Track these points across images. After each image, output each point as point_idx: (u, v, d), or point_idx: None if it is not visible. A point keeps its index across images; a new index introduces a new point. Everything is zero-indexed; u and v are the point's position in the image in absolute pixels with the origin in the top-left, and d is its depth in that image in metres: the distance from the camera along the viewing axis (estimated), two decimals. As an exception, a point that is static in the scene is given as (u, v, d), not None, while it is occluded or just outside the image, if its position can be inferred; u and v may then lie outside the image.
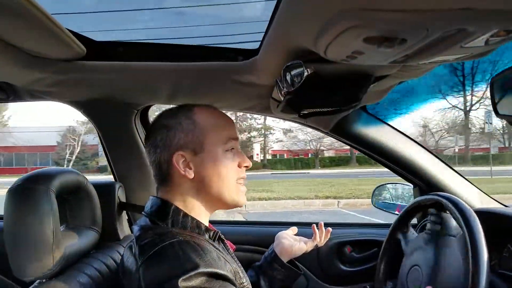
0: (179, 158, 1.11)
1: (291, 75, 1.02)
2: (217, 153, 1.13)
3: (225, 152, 1.14)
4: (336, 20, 0.71)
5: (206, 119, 1.15)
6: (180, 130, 1.13)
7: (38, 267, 1.08)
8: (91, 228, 1.34)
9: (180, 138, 1.12)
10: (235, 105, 1.76)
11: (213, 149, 1.13)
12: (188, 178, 1.11)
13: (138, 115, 1.83)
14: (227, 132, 1.16)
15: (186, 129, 1.13)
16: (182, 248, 0.95)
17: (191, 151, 1.12)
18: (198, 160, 1.12)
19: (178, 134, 1.13)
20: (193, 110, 1.17)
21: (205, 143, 1.12)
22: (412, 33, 0.72)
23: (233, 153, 1.16)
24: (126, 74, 1.45)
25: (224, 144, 1.14)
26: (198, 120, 1.14)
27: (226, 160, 1.13)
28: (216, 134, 1.14)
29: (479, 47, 0.80)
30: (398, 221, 1.52)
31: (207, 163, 1.12)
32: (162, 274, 0.92)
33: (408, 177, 1.85)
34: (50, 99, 1.67)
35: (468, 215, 1.14)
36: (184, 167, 1.11)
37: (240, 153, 1.18)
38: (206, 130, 1.13)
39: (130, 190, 1.77)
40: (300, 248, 1.48)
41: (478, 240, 1.08)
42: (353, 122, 1.71)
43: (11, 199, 1.09)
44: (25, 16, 0.94)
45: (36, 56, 1.24)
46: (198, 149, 1.12)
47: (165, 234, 1.03)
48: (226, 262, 1.03)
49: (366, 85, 1.16)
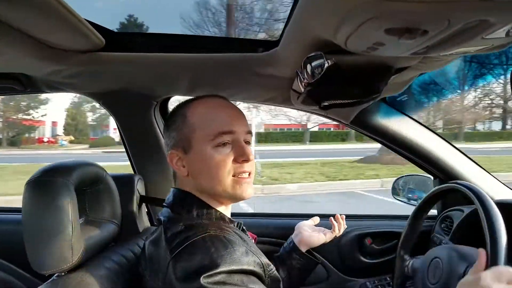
0: (173, 156, 1.13)
1: (311, 67, 1.03)
2: (204, 150, 1.09)
3: (215, 147, 1.09)
4: (356, 11, 0.72)
5: (196, 115, 1.13)
6: (174, 129, 1.15)
7: (57, 260, 1.06)
8: (111, 221, 1.32)
9: (173, 137, 1.14)
10: (256, 96, 1.76)
11: (200, 146, 1.10)
12: (184, 175, 1.13)
13: (158, 107, 1.83)
14: (216, 126, 1.10)
15: (178, 127, 1.14)
16: (214, 243, 0.96)
17: (182, 149, 1.12)
18: (188, 159, 1.12)
19: (172, 133, 1.15)
20: (189, 106, 1.16)
21: (192, 140, 1.11)
22: (433, 24, 0.72)
23: (227, 148, 1.10)
24: (145, 66, 1.46)
25: (212, 140, 1.09)
26: (189, 116, 1.13)
27: (216, 156, 1.09)
28: (203, 130, 1.10)
29: (500, 39, 0.80)
30: (418, 210, 1.51)
31: (196, 161, 1.11)
32: (192, 267, 0.92)
33: (428, 169, 1.85)
34: (68, 91, 1.67)
35: (487, 202, 1.13)
36: (178, 165, 1.13)
37: (237, 147, 1.11)
38: (193, 127, 1.11)
39: (149, 183, 1.78)
40: (319, 239, 1.49)
41: (497, 228, 1.07)
42: (373, 114, 1.71)
43: (30, 192, 1.07)
44: (43, 7, 0.94)
45: (54, 47, 1.24)
46: (187, 147, 1.11)
47: (195, 226, 1.03)
48: (254, 255, 1.02)
49: (387, 77, 1.16)
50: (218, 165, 1.09)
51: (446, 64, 1.15)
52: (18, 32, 1.06)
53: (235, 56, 1.38)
